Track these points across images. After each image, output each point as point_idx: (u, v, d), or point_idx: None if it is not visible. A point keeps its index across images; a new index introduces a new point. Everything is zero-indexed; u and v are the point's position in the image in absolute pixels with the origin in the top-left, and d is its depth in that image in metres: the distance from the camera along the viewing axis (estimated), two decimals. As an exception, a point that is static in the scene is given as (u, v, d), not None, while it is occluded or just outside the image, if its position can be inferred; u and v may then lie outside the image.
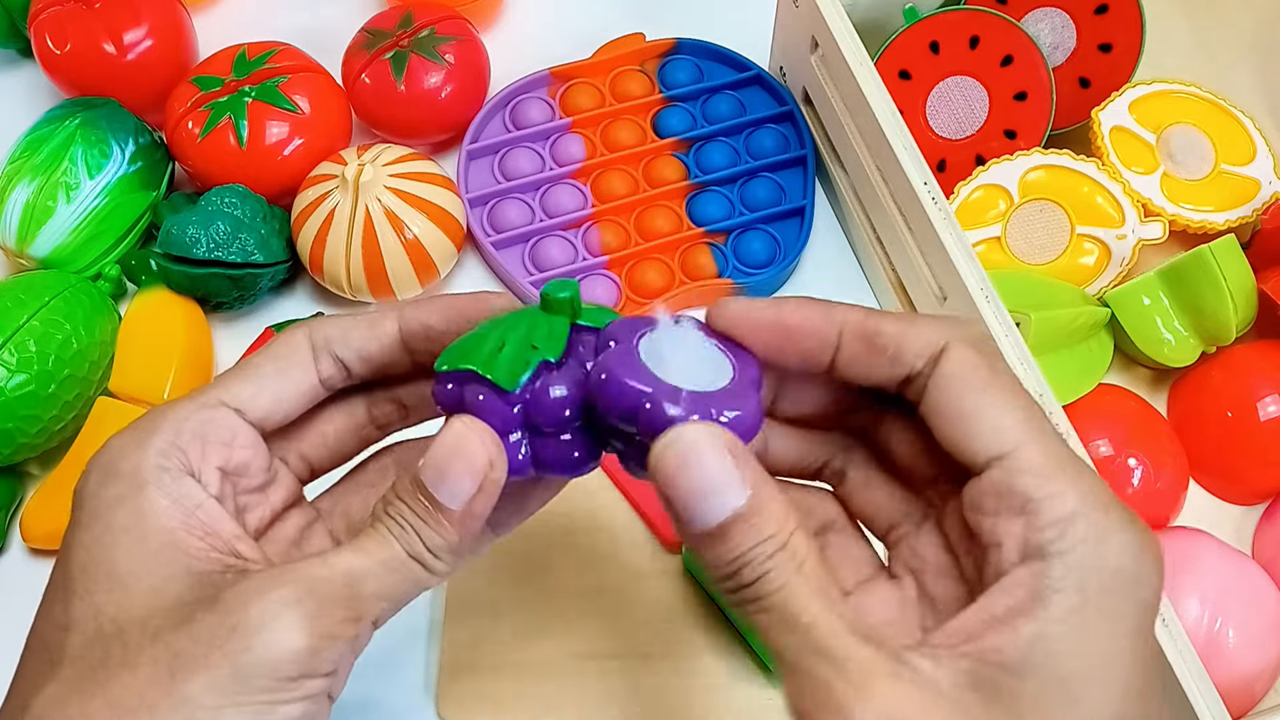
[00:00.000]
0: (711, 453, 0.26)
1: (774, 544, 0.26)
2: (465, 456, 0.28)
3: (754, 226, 0.58)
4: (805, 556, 0.26)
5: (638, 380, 0.27)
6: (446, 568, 0.29)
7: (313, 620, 0.27)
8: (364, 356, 0.32)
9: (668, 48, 0.62)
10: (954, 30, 0.56)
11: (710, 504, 0.26)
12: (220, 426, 0.30)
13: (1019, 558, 0.26)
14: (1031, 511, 0.26)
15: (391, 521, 0.29)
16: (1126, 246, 0.55)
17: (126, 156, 0.55)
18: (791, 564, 0.26)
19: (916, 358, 0.28)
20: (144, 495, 0.28)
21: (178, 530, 0.28)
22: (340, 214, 0.52)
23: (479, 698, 0.47)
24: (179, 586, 0.27)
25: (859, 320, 0.29)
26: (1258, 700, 0.47)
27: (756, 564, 0.26)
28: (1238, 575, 0.48)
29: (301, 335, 0.32)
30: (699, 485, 0.26)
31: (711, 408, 0.27)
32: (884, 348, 0.29)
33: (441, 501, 0.28)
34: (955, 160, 0.57)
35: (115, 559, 0.28)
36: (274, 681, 0.26)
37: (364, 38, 0.58)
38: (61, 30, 0.56)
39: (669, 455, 0.26)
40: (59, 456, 0.51)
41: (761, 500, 0.26)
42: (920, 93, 0.57)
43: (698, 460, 0.26)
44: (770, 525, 0.26)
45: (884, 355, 0.29)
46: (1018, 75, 0.57)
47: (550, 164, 0.59)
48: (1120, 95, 0.57)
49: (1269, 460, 0.52)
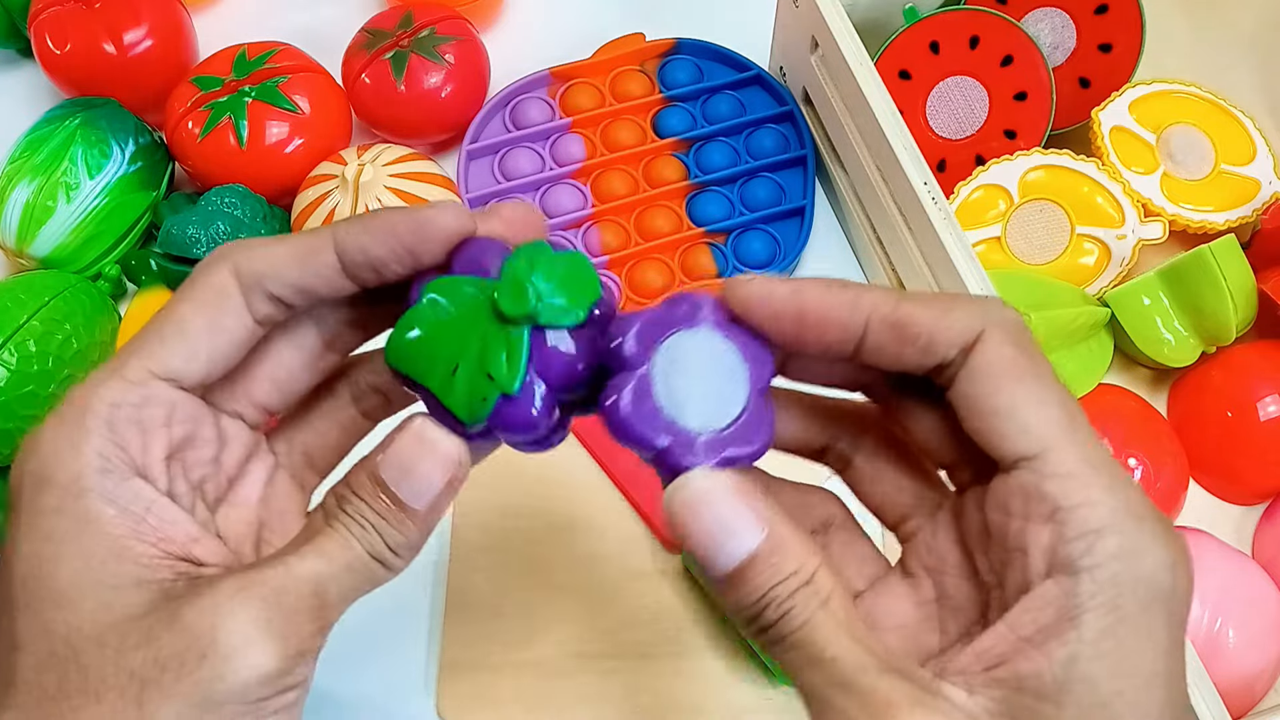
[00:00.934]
0: (723, 499, 0.26)
1: (796, 580, 0.25)
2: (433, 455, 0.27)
3: (754, 226, 0.58)
4: (830, 593, 0.25)
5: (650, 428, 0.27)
6: (405, 564, 0.28)
7: (283, 640, 0.26)
8: (302, 289, 0.28)
9: (668, 48, 0.62)
10: (954, 30, 0.56)
11: (727, 548, 0.25)
12: (156, 406, 0.27)
13: (1046, 570, 0.25)
14: (1061, 520, 0.25)
15: (351, 521, 0.27)
16: (1126, 246, 0.55)
17: (126, 156, 0.55)
18: (815, 600, 0.25)
19: (950, 347, 0.26)
20: (85, 503, 0.26)
21: (126, 539, 0.26)
22: (340, 214, 0.52)
23: (479, 697, 0.47)
24: (130, 598, 0.26)
25: (889, 309, 0.27)
26: (1258, 700, 0.47)
27: (778, 602, 0.25)
28: (1238, 575, 0.48)
29: (226, 274, 0.28)
30: (713, 531, 0.26)
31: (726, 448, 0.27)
32: (915, 336, 0.27)
33: (404, 500, 0.27)
34: (955, 160, 0.57)
35: (57, 573, 0.25)
36: (246, 705, 0.25)
37: (364, 38, 0.58)
38: (61, 30, 0.56)
39: (679, 505, 0.26)
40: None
41: (780, 538, 0.26)
42: (920, 93, 0.57)
43: (709, 508, 0.26)
44: (790, 562, 0.25)
45: (915, 345, 0.27)
46: (1018, 75, 0.57)
47: (550, 164, 0.59)
48: (1120, 95, 0.57)
49: (1269, 460, 0.52)
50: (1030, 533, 0.25)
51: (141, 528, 0.26)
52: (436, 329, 0.28)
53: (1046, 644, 0.24)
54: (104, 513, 0.26)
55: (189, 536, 0.27)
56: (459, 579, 0.49)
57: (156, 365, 0.27)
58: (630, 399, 0.27)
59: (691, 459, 0.26)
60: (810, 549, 0.26)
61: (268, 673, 0.25)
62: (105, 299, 0.53)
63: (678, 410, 0.27)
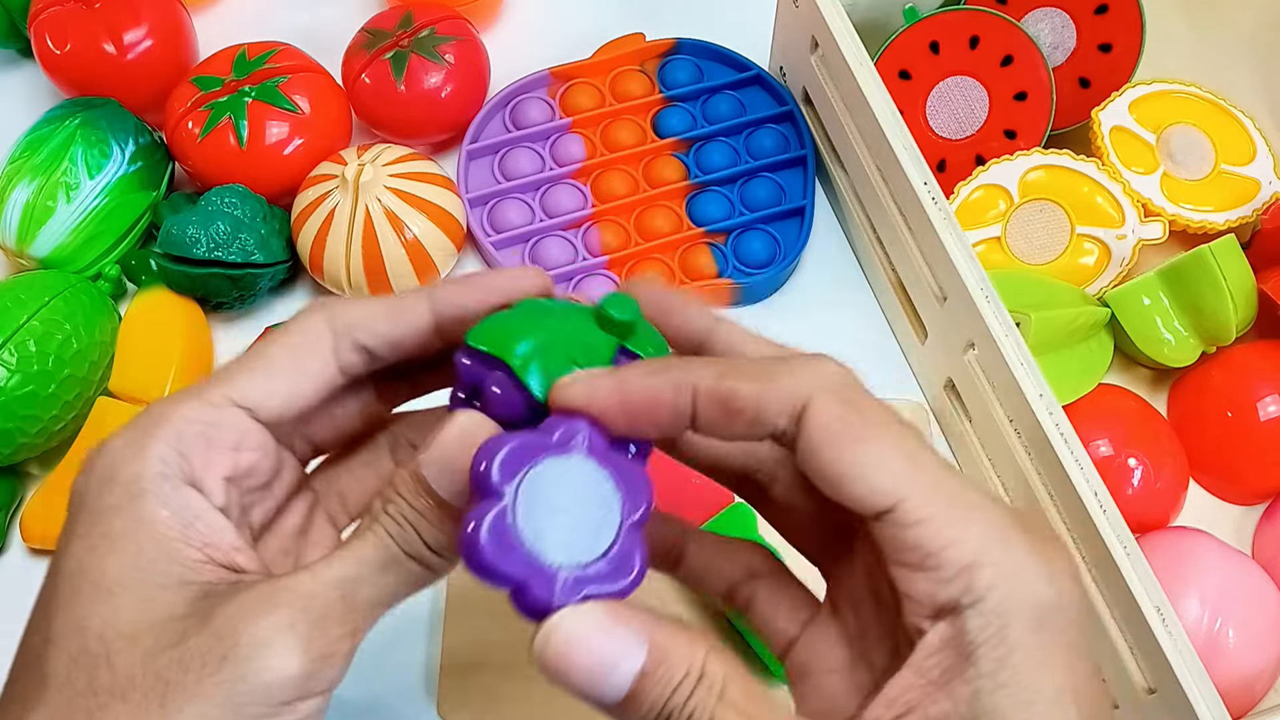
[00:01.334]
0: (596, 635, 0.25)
1: (690, 682, 0.24)
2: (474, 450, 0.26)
3: (754, 226, 0.58)
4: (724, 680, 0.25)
5: (507, 563, 0.25)
6: (448, 566, 0.28)
7: (308, 643, 0.26)
8: (392, 343, 0.30)
9: (668, 48, 0.62)
10: (954, 30, 0.56)
11: (613, 681, 0.24)
12: (228, 430, 0.28)
13: (933, 613, 0.25)
14: (933, 566, 0.25)
15: (390, 520, 0.27)
16: (1126, 246, 0.55)
17: (126, 156, 0.55)
18: (712, 695, 0.24)
19: (778, 417, 0.26)
20: (142, 504, 0.27)
21: (175, 540, 0.27)
22: (340, 214, 0.52)
23: (479, 698, 0.47)
24: (172, 597, 0.26)
25: (711, 384, 0.27)
26: (1258, 700, 0.47)
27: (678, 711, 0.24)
28: (1238, 575, 0.48)
29: (320, 321, 0.29)
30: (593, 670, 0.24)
31: (588, 585, 0.25)
32: (740, 411, 0.26)
33: (445, 497, 0.27)
34: (955, 160, 0.57)
35: (106, 567, 0.26)
36: (269, 708, 0.25)
37: (364, 38, 0.58)
38: (61, 30, 0.56)
39: (552, 656, 0.25)
40: (59, 456, 0.51)
41: (662, 648, 0.24)
42: (920, 93, 0.57)
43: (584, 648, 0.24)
44: (679, 668, 0.24)
45: (741, 419, 0.27)
46: (1018, 75, 0.57)
47: (550, 164, 0.59)
48: (1120, 95, 0.57)
49: (1269, 460, 0.52)
50: (909, 580, 0.25)
51: (190, 532, 0.27)
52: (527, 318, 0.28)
53: (950, 684, 0.25)
54: (158, 514, 0.27)
55: (233, 546, 0.28)
56: (460, 580, 0.49)
57: (236, 394, 0.28)
58: (488, 531, 0.25)
59: (550, 599, 0.25)
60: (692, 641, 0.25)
61: (290, 675, 0.25)
62: (105, 299, 0.53)
63: (539, 543, 0.25)
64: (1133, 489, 0.50)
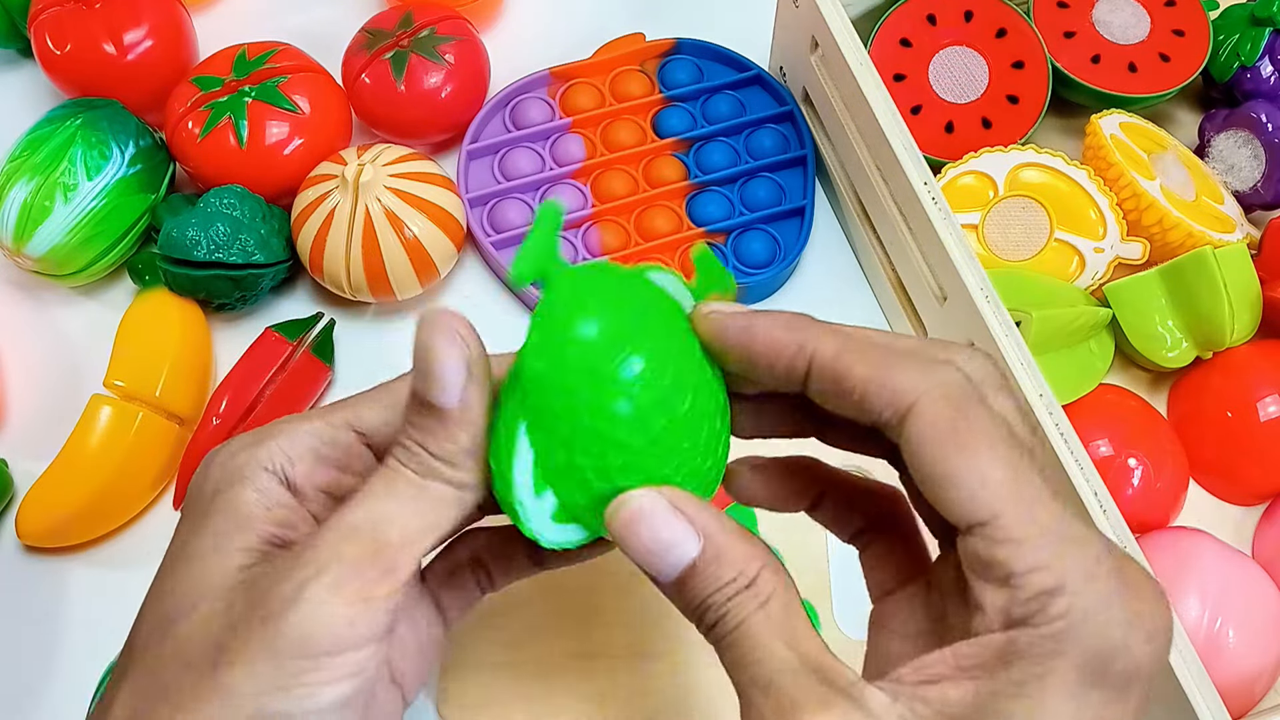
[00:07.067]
0: (657, 514, 0.27)
1: (735, 586, 0.26)
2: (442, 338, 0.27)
3: (754, 226, 0.58)
4: (770, 595, 0.26)
5: None
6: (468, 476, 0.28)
7: (339, 589, 0.26)
8: None
9: (668, 48, 0.62)
10: (949, 3, 0.58)
11: (666, 561, 0.27)
12: (339, 449, 0.31)
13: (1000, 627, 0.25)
14: (1015, 585, 0.25)
15: (398, 448, 0.28)
16: (1102, 261, 0.54)
17: (126, 159, 0.55)
18: (754, 603, 0.26)
19: (883, 409, 0.27)
20: (236, 488, 0.29)
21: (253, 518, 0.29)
22: (340, 214, 0.52)
23: (479, 698, 0.47)
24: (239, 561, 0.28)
25: (829, 356, 0.27)
26: (1258, 700, 0.47)
27: (716, 607, 0.26)
28: (1238, 575, 0.48)
29: None
30: (650, 545, 0.27)
31: None
32: (850, 390, 0.27)
33: (438, 404, 0.27)
34: (962, 123, 0.58)
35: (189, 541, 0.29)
36: (311, 660, 0.26)
37: (364, 38, 0.58)
38: (61, 30, 0.56)
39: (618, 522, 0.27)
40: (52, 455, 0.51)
41: (718, 547, 0.27)
42: (922, 60, 0.58)
43: (645, 525, 0.27)
44: (729, 570, 0.26)
45: (850, 400, 0.27)
46: (1013, 46, 0.58)
47: (550, 164, 0.59)
48: (1111, 114, 0.57)
49: (1269, 460, 0.52)
50: (987, 593, 0.26)
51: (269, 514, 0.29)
52: None
53: (977, 676, 0.25)
54: (246, 494, 0.29)
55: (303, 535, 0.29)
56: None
57: (354, 418, 0.31)
58: None
59: None
60: (752, 554, 0.27)
61: (326, 624, 0.26)
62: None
63: None
64: (1133, 489, 0.50)
